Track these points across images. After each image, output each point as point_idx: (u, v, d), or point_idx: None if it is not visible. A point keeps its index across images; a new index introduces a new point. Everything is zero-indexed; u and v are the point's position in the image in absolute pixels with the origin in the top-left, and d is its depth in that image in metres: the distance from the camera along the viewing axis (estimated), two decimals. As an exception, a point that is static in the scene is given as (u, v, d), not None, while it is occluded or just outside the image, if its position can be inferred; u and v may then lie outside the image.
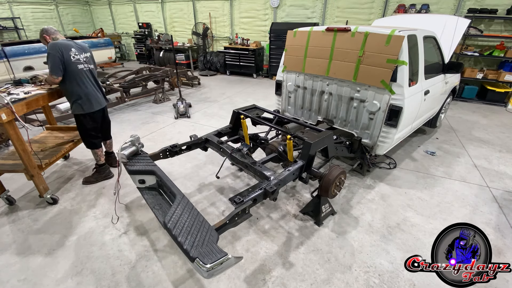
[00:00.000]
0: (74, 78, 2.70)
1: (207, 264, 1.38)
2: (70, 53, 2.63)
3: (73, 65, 2.67)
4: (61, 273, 2.03)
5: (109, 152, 3.43)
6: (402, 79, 2.60)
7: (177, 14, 10.13)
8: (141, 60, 11.27)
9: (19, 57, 6.27)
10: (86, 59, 2.83)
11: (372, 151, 3.05)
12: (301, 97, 3.58)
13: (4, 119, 2.22)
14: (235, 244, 2.30)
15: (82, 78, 2.75)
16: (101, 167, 3.16)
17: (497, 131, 4.65)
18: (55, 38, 2.72)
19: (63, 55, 2.57)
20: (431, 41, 3.31)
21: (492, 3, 5.84)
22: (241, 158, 2.48)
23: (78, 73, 2.71)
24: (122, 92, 5.38)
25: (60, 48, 2.57)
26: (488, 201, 2.85)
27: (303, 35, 3.23)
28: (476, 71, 6.17)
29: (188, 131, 4.58)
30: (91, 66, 2.89)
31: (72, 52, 2.66)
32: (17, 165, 2.60)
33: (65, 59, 2.60)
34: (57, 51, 2.54)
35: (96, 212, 2.66)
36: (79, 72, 2.72)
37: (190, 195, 2.92)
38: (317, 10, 7.65)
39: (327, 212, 2.54)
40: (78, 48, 2.76)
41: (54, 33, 2.74)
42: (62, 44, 2.61)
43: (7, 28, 9.48)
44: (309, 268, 2.07)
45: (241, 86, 7.61)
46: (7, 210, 2.69)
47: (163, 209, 2.00)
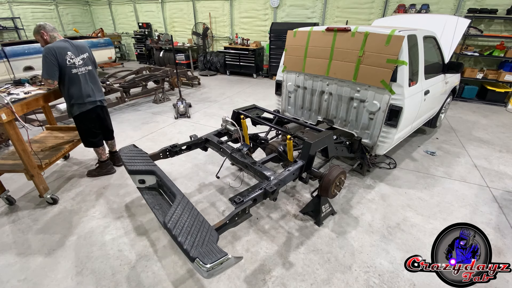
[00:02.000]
0: (69, 82, 2.69)
1: (207, 264, 1.38)
2: (65, 57, 2.60)
3: (68, 69, 2.63)
4: (61, 273, 2.03)
5: (113, 151, 3.44)
6: (402, 79, 2.60)
7: (177, 14, 10.13)
8: (141, 60, 11.28)
9: (19, 57, 6.26)
10: (83, 60, 2.79)
11: (372, 151, 3.04)
12: (301, 97, 3.58)
13: (4, 119, 2.22)
14: (235, 244, 2.29)
15: (76, 82, 2.72)
16: (103, 163, 3.23)
17: (497, 131, 4.65)
18: (52, 36, 2.66)
19: (57, 59, 2.54)
20: (431, 41, 3.31)
21: (492, 3, 5.85)
22: (241, 158, 2.48)
23: (72, 78, 2.69)
24: (122, 92, 5.38)
25: (55, 51, 2.52)
26: (488, 201, 2.85)
27: (303, 35, 3.23)
28: (476, 71, 6.17)
29: (188, 131, 4.58)
30: (88, 67, 2.84)
31: (67, 56, 2.62)
32: (17, 165, 2.60)
33: (60, 64, 2.57)
34: (52, 54, 2.51)
35: (96, 212, 2.66)
36: (73, 77, 2.69)
37: (190, 195, 2.92)
38: (317, 10, 7.65)
39: (327, 212, 2.54)
40: (75, 50, 2.71)
41: (52, 31, 2.68)
42: (58, 48, 2.56)
43: (7, 28, 9.49)
44: (309, 268, 2.07)
45: (241, 86, 7.61)
46: (7, 210, 2.69)
47: (163, 209, 2.00)
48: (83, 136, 3.01)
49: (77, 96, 2.75)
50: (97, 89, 2.95)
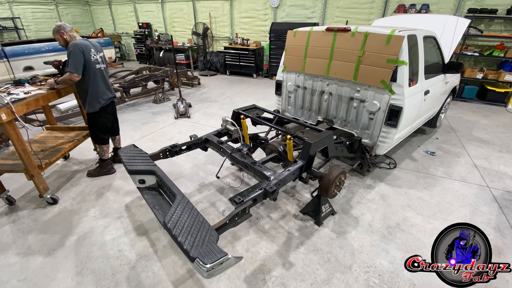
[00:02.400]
0: (93, 77, 2.81)
1: (207, 264, 1.38)
2: (90, 53, 2.74)
3: (93, 64, 2.77)
4: (61, 273, 2.03)
5: (118, 148, 3.51)
6: (402, 79, 2.60)
7: (177, 14, 10.13)
8: (141, 60, 11.28)
9: (19, 57, 6.27)
10: (101, 58, 2.93)
11: (372, 151, 3.04)
12: (301, 97, 3.58)
13: (4, 119, 2.22)
14: (235, 244, 2.29)
15: (98, 77, 2.86)
16: (103, 162, 3.25)
17: (497, 131, 4.65)
18: (72, 35, 2.75)
19: (84, 54, 2.66)
20: (431, 41, 3.31)
21: (492, 3, 5.85)
22: (241, 158, 2.48)
23: (96, 72, 2.83)
24: (122, 92, 5.39)
25: (82, 48, 2.65)
26: (488, 201, 2.85)
27: (303, 35, 3.23)
28: (476, 71, 6.17)
29: (188, 131, 4.58)
30: (104, 65, 2.97)
31: (92, 52, 2.76)
32: (17, 165, 2.60)
33: (86, 59, 2.69)
34: (80, 50, 2.63)
35: (96, 212, 2.66)
36: (97, 71, 2.84)
37: (190, 195, 2.92)
38: (317, 10, 7.65)
39: (327, 212, 2.54)
40: (95, 48, 2.85)
41: (71, 31, 2.78)
42: (84, 44, 2.69)
43: (7, 28, 9.49)
44: (309, 268, 2.07)
45: (241, 86, 7.61)
46: (7, 210, 2.69)
47: (163, 209, 2.00)
48: (97, 132, 3.07)
49: (101, 91, 2.89)
50: (110, 88, 3.10)
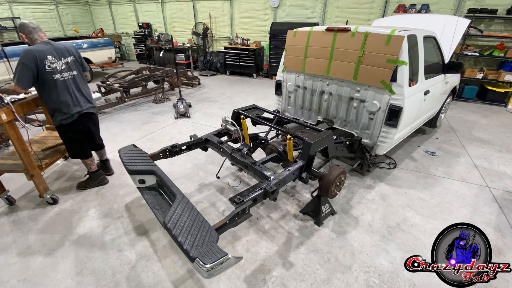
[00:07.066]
0: (48, 89, 2.43)
1: (207, 264, 1.38)
2: (45, 61, 2.34)
3: (48, 75, 2.37)
4: (61, 273, 2.03)
5: (103, 160, 3.22)
6: (402, 79, 2.60)
7: (177, 14, 10.13)
8: (141, 60, 11.27)
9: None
10: (67, 65, 2.51)
11: (372, 151, 3.04)
12: (301, 97, 3.58)
13: (4, 119, 2.23)
14: (235, 244, 2.30)
15: (59, 89, 2.46)
16: (94, 173, 2.98)
17: (497, 131, 4.65)
18: (32, 38, 2.39)
19: (36, 65, 2.29)
20: (431, 41, 3.31)
21: (492, 3, 5.84)
22: (241, 158, 2.48)
23: (53, 84, 2.42)
24: (122, 92, 5.39)
25: (35, 56, 2.28)
26: (488, 201, 2.85)
27: (303, 35, 3.23)
28: (476, 71, 6.17)
29: (188, 131, 4.58)
30: (74, 72, 2.58)
31: (47, 60, 2.36)
32: (17, 165, 2.60)
33: (39, 69, 2.32)
34: (30, 60, 2.26)
35: (96, 212, 2.66)
36: (57, 82, 2.44)
37: (190, 195, 2.92)
38: (317, 10, 7.65)
39: (327, 212, 2.54)
40: (57, 53, 2.44)
41: (32, 32, 2.38)
42: (38, 52, 2.31)
43: (7, 28, 9.48)
44: (309, 268, 2.07)
45: (241, 86, 7.61)
46: (7, 210, 2.69)
47: (163, 209, 2.00)
48: (69, 146, 2.79)
49: (63, 104, 2.50)
50: (84, 96, 2.68)
